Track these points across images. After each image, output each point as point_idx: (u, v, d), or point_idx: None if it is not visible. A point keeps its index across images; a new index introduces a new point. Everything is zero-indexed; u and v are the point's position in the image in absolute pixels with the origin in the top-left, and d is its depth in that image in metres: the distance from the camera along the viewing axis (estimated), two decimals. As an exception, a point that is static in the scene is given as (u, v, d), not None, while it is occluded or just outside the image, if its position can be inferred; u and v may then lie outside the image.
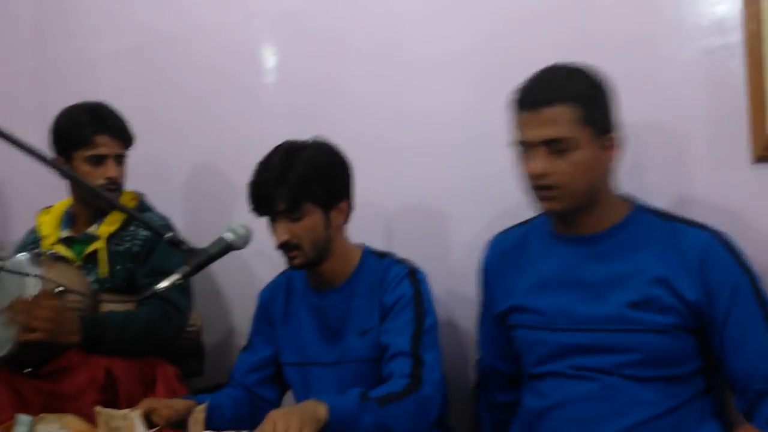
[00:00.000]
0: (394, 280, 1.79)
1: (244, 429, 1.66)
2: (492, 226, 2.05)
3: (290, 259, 1.78)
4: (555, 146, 1.52)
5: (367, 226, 1.99)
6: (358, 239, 1.92)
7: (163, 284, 1.55)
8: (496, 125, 2.04)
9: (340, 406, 1.50)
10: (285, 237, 1.74)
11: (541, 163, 1.54)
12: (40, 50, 3.10)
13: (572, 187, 1.54)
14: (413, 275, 1.81)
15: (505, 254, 1.76)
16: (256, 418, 1.84)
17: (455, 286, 2.12)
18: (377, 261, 1.86)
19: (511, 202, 2.01)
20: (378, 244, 1.96)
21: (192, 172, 2.67)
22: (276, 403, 1.95)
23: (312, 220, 1.75)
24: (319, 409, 1.47)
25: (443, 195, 2.17)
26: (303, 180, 1.72)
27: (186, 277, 1.58)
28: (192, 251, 1.59)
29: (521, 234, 1.76)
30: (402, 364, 1.67)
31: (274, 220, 1.76)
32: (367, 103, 2.29)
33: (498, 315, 1.74)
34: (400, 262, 1.85)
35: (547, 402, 1.60)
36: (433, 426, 1.71)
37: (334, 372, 1.81)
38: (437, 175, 2.17)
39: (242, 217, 1.82)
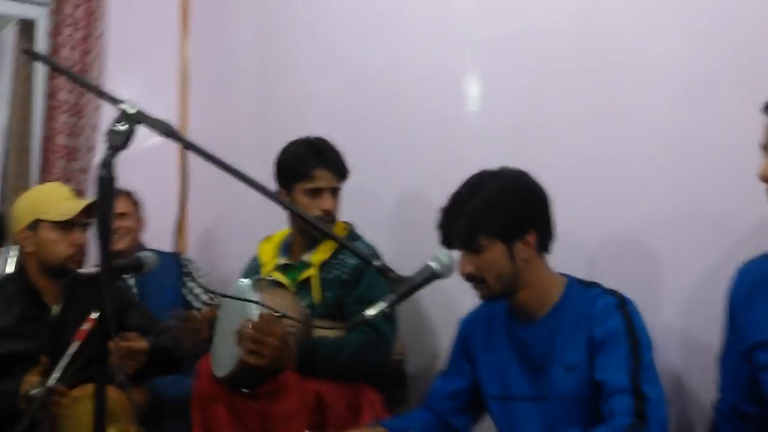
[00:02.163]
0: (603, 312, 1.69)
1: None
2: (710, 260, 1.91)
3: (478, 291, 1.77)
4: None
5: (567, 257, 1.91)
6: (557, 271, 1.84)
7: (371, 312, 1.58)
8: (718, 145, 1.90)
9: None
10: (468, 270, 1.73)
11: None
12: (262, 88, 3.35)
13: None
14: (624, 306, 1.70)
15: (756, 284, 1.57)
16: None
17: (667, 323, 1.97)
18: (583, 291, 1.77)
19: (735, 233, 1.86)
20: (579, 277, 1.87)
21: (399, 201, 2.73)
22: (462, 428, 1.92)
23: (492, 253, 1.71)
24: None
25: (653, 226, 2.04)
26: (477, 214, 1.70)
27: (393, 305, 1.60)
28: (398, 279, 1.61)
29: None
30: (623, 402, 1.56)
31: (459, 252, 1.75)
32: (574, 128, 2.21)
33: (744, 351, 1.57)
34: (609, 293, 1.75)
35: None
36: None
37: (540, 408, 1.75)
38: (647, 204, 2.04)
39: (447, 246, 1.82)
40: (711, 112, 1.91)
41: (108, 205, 1.39)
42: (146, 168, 3.24)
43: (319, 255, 2.31)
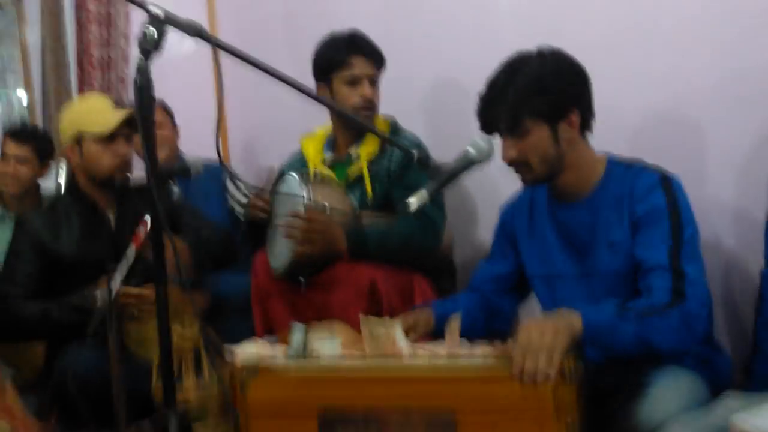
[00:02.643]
0: (645, 189, 1.69)
1: (479, 333, 1.71)
2: (755, 129, 1.88)
3: (521, 175, 1.77)
4: None
5: (609, 135, 1.88)
6: (599, 149, 1.83)
7: (414, 201, 1.63)
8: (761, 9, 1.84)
9: (596, 317, 1.48)
10: (511, 154, 1.72)
11: None
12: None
13: None
14: (667, 182, 1.69)
15: None
16: (491, 325, 1.92)
17: (713, 195, 1.97)
18: (625, 170, 1.76)
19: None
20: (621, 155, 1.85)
21: (433, 88, 2.71)
22: (510, 314, 1.98)
23: (537, 135, 1.69)
24: (574, 320, 1.46)
25: (695, 97, 2.01)
26: (521, 96, 1.67)
27: (433, 193, 1.64)
28: (438, 168, 1.63)
29: None
30: (661, 278, 1.58)
31: (501, 137, 1.74)
32: (608, 2, 2.16)
33: None
34: (651, 169, 1.74)
35: None
36: (700, 342, 1.63)
37: (583, 284, 1.78)
38: (687, 75, 2.01)
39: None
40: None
41: (148, 112, 1.42)
42: (182, 75, 3.25)
43: (367, 148, 2.34)
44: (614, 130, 1.99)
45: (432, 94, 2.72)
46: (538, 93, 1.68)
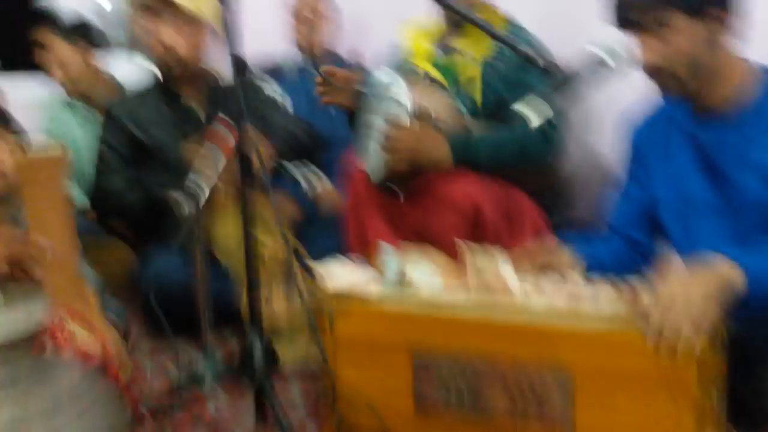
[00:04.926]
0: None
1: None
2: None
3: (662, 86, 1.51)
4: None
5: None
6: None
7: (533, 115, 1.44)
8: None
9: (763, 271, 1.24)
10: (652, 58, 1.46)
11: None
12: None
13: None
14: None
15: None
16: (637, 266, 1.68)
17: None
18: None
19: None
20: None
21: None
22: (656, 251, 1.73)
23: (684, 35, 1.43)
24: (733, 276, 1.23)
25: None
26: None
27: (556, 107, 1.47)
28: (565, 77, 1.42)
29: None
30: None
31: (639, 36, 1.48)
32: None
33: None
34: None
35: None
36: None
37: (724, 220, 1.54)
38: None
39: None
40: None
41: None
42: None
43: (480, 48, 2.08)
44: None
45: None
46: None
